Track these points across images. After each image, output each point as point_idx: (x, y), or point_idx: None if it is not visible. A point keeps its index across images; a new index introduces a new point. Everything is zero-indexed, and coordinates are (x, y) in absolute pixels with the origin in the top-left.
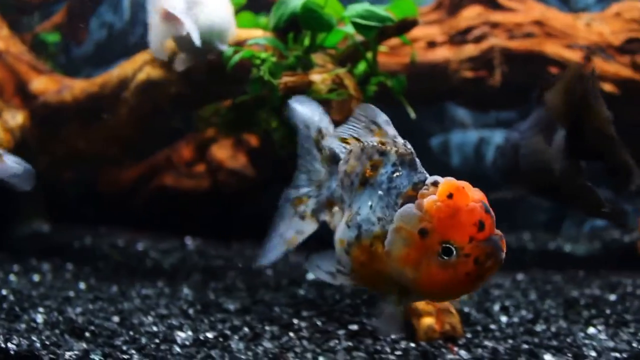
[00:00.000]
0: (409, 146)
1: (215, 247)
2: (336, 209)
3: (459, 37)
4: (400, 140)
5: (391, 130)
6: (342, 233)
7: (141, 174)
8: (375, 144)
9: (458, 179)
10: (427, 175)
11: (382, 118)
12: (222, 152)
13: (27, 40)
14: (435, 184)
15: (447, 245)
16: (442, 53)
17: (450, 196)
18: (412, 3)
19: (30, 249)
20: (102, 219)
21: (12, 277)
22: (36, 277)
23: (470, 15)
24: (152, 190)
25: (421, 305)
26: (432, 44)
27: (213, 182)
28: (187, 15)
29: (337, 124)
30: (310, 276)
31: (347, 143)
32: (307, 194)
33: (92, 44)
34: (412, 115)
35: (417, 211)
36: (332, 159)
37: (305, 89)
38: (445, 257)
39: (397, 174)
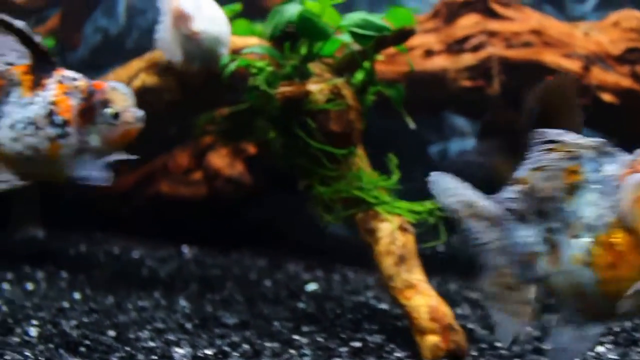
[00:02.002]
0: (596, 138)
1: (213, 256)
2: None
3: (456, 46)
4: (584, 138)
5: (570, 136)
6: (571, 248)
7: (136, 181)
8: (560, 154)
9: None
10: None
11: (553, 133)
12: (219, 159)
13: None
14: None
15: None
16: (440, 62)
17: None
18: (409, 12)
19: (24, 255)
20: (97, 225)
21: (5, 286)
22: (30, 286)
23: (468, 23)
24: (147, 197)
25: (425, 322)
26: (429, 53)
27: (210, 189)
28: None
29: (335, 135)
30: (310, 288)
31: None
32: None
33: (87, 48)
34: (412, 125)
35: None
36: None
37: (303, 99)
38: None
39: (602, 164)
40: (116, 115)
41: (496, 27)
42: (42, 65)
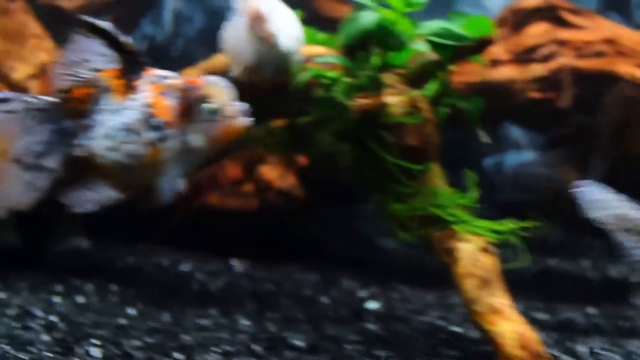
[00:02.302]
0: None
1: (263, 270)
2: None
3: (524, 56)
4: None
5: None
6: None
7: (185, 192)
8: None
9: None
10: None
11: None
12: (271, 171)
13: None
14: None
15: None
16: (506, 72)
17: None
18: (488, 21)
19: (71, 267)
20: (142, 236)
21: (55, 299)
22: (81, 299)
23: (537, 32)
24: (195, 209)
25: (513, 349)
26: (495, 62)
27: (261, 202)
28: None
29: (412, 149)
30: (370, 306)
31: None
32: None
33: None
34: (486, 139)
35: None
36: None
37: (380, 112)
38: None
39: None
40: (216, 111)
41: (567, 36)
42: (131, 67)
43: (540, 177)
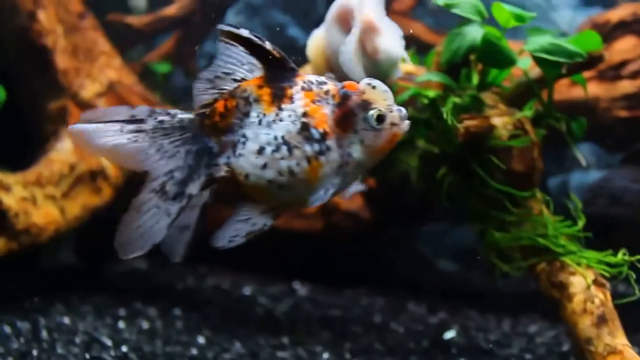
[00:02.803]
0: None
1: (327, 294)
2: None
3: (611, 72)
4: None
5: None
6: None
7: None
8: None
9: None
10: None
11: None
12: None
13: (136, 69)
14: None
15: None
16: (590, 89)
17: None
18: (597, 36)
19: (131, 289)
20: (201, 257)
21: (121, 324)
22: (145, 324)
23: (625, 47)
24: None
25: None
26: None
27: (326, 223)
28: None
29: (517, 174)
30: (448, 335)
31: None
32: None
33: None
34: (583, 162)
35: None
36: None
37: (487, 134)
38: None
39: None
40: (381, 118)
41: None
42: (279, 74)
43: (628, 190)
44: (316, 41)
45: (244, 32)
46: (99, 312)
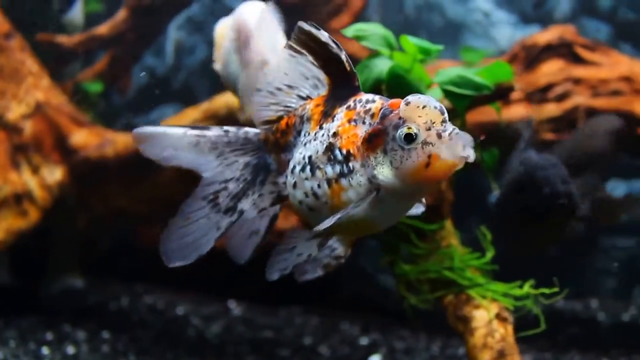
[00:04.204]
0: None
1: (262, 314)
2: None
3: (538, 95)
4: None
5: None
6: None
7: None
8: None
9: None
10: None
11: None
12: None
13: (68, 89)
14: None
15: None
16: (519, 111)
17: None
18: (508, 67)
19: (63, 309)
20: (138, 275)
21: (44, 350)
22: (71, 349)
23: (551, 70)
24: None
25: None
26: (507, 102)
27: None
28: None
29: (426, 207)
30: (374, 359)
31: None
32: None
33: (133, 89)
34: (496, 191)
35: None
36: None
37: None
38: None
39: None
40: (411, 137)
41: (582, 74)
42: (341, 92)
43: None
44: (222, 29)
45: (324, 35)
46: (23, 337)
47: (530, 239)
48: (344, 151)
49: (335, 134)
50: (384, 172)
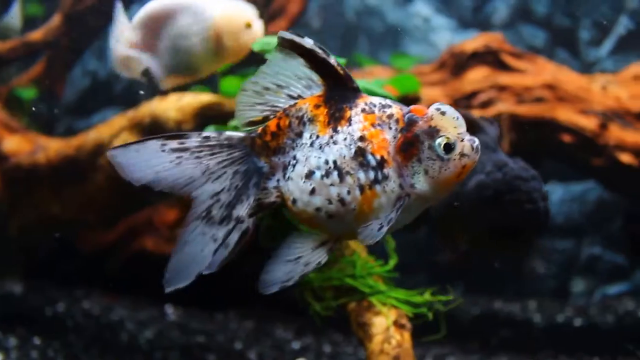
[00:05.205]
0: None
1: (197, 319)
2: None
3: (464, 102)
4: None
5: None
6: None
7: (121, 235)
8: None
9: None
10: None
11: None
12: None
13: (2, 94)
14: None
15: None
16: None
17: None
18: (414, 79)
19: None
20: (79, 279)
21: None
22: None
23: (476, 77)
24: (131, 254)
25: None
26: None
27: None
28: None
29: None
30: None
31: None
32: None
33: (75, 93)
34: None
35: None
36: None
37: None
38: None
39: None
40: (449, 147)
41: (507, 81)
42: (340, 94)
43: None
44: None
45: (308, 43)
46: None
47: (489, 250)
48: (378, 157)
49: (362, 138)
50: (421, 181)
